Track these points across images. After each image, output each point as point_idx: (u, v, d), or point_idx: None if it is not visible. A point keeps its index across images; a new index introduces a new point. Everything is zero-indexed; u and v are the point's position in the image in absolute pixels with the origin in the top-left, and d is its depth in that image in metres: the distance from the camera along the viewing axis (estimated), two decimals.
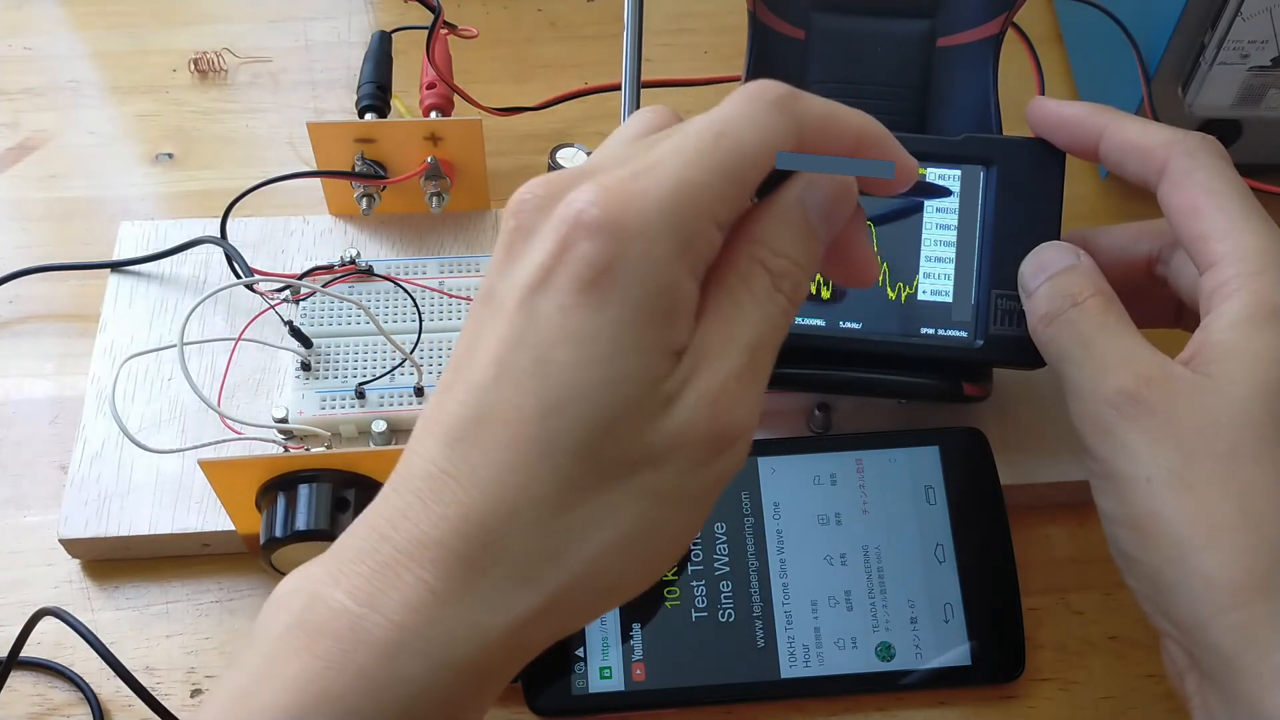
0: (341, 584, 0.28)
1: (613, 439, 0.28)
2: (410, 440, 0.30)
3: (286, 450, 0.46)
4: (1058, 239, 0.42)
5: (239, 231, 0.53)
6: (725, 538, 0.45)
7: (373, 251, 0.53)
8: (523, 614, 0.28)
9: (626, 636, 0.43)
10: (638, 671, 0.43)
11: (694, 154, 0.29)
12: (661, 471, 0.29)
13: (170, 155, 0.59)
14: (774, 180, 0.31)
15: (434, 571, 0.27)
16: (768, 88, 0.30)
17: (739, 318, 0.30)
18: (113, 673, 0.42)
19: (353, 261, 0.51)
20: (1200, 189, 0.37)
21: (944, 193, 0.41)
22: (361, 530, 0.29)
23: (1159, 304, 0.43)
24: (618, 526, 0.28)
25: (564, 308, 0.28)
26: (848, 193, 0.32)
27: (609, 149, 0.32)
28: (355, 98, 0.56)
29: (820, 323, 0.44)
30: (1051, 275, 0.39)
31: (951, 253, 0.44)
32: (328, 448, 0.45)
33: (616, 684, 0.43)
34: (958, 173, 0.44)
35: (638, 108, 0.46)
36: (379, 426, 0.47)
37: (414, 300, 0.50)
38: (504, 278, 0.29)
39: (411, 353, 0.48)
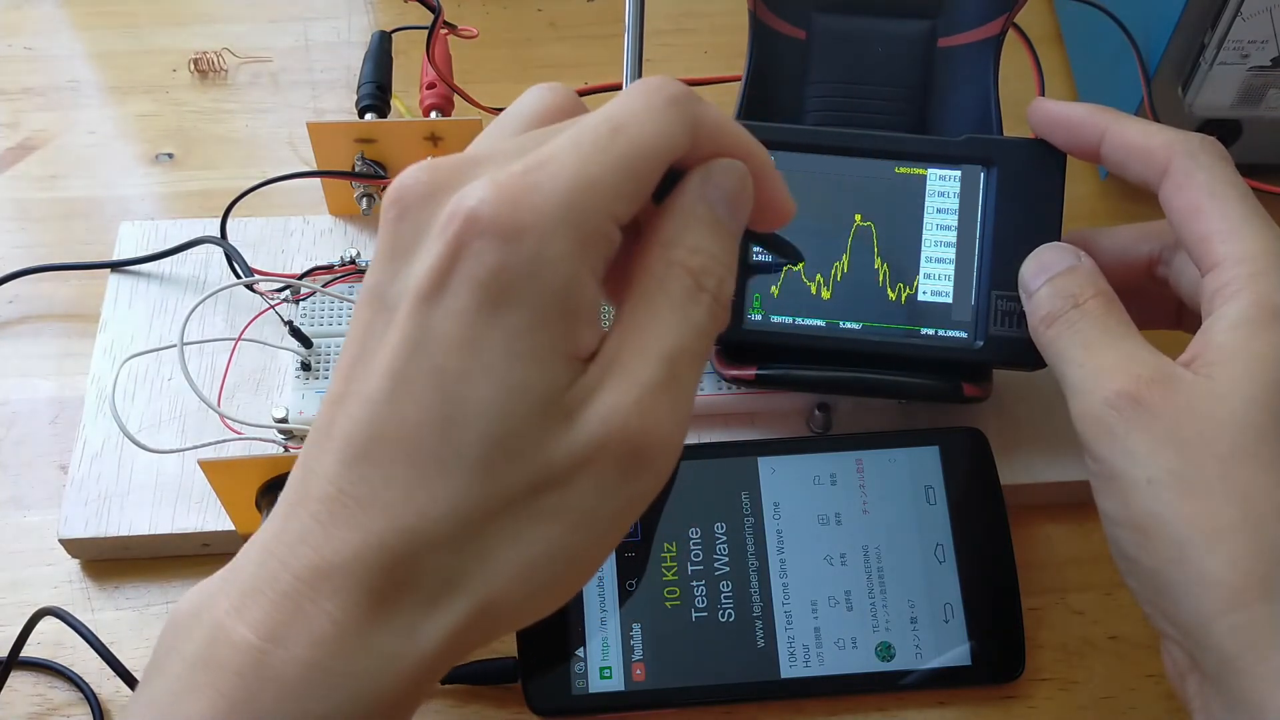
0: (244, 616, 0.27)
1: (514, 454, 0.27)
2: (302, 453, 0.28)
3: (286, 450, 0.46)
4: (1058, 240, 0.42)
5: (239, 231, 0.53)
6: (725, 538, 0.45)
7: (372, 251, 0.53)
8: (433, 642, 0.27)
9: (626, 636, 0.43)
10: (638, 671, 0.43)
11: (591, 148, 0.27)
12: (568, 492, 0.27)
13: (170, 155, 0.59)
14: (667, 184, 0.30)
15: (337, 602, 0.26)
16: (665, 84, 0.29)
17: (654, 325, 0.28)
18: (113, 673, 0.42)
19: (353, 261, 0.51)
20: (1202, 190, 0.37)
21: (796, 258, 0.37)
22: (258, 554, 0.27)
23: (1160, 305, 0.43)
24: (525, 549, 0.27)
25: (459, 314, 0.26)
26: (746, 182, 0.30)
27: (499, 134, 0.31)
28: (355, 98, 0.56)
29: (820, 323, 0.44)
30: (1052, 276, 0.39)
31: (951, 253, 0.44)
32: None
33: (616, 684, 0.43)
34: (958, 173, 0.44)
35: None
36: None
37: None
38: (393, 279, 0.28)
39: None
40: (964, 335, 0.44)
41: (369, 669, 0.26)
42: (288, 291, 0.50)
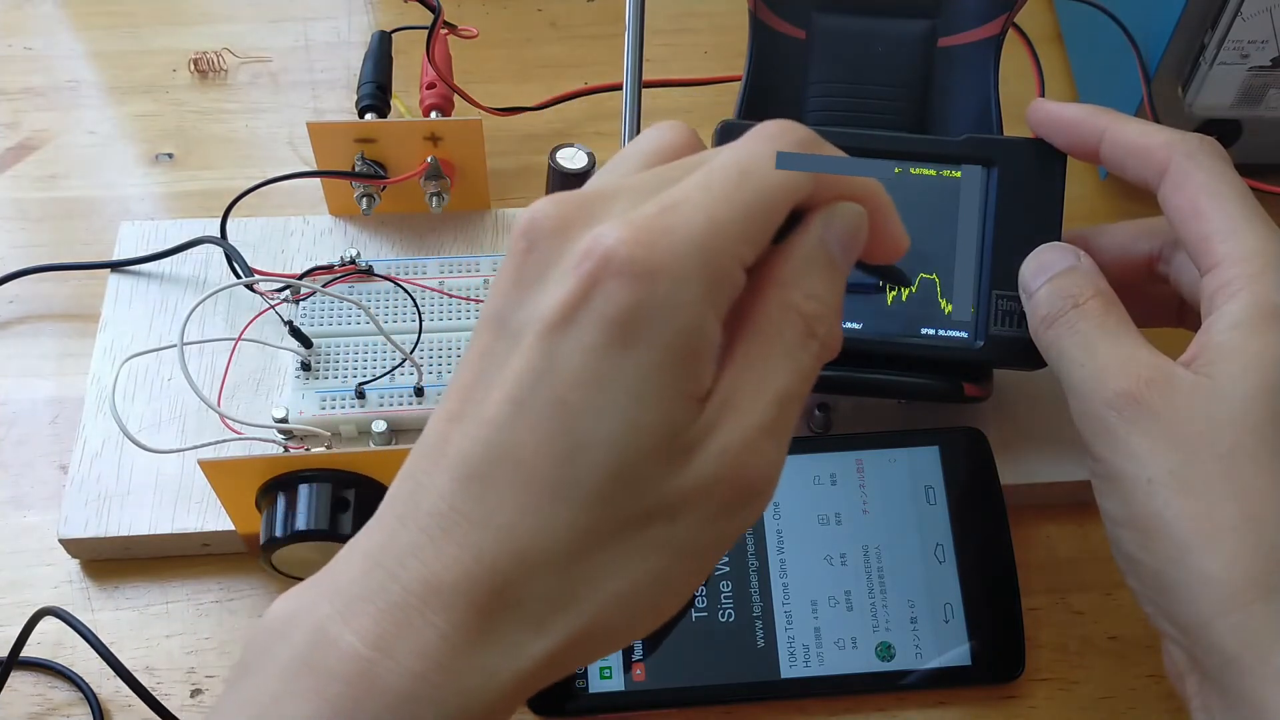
0: (350, 623, 0.27)
1: (630, 488, 0.27)
2: (410, 466, 0.29)
3: (286, 450, 0.46)
4: (1058, 240, 0.42)
5: (239, 231, 0.53)
6: None
7: (373, 251, 0.53)
8: (532, 662, 0.27)
9: None
10: (638, 671, 0.43)
11: (721, 191, 0.28)
12: (677, 524, 0.28)
13: (170, 155, 0.59)
14: (786, 224, 0.30)
15: (447, 618, 0.27)
16: (790, 128, 0.30)
17: (768, 367, 0.29)
18: (113, 673, 0.42)
19: (353, 261, 0.51)
20: (1201, 190, 0.37)
21: (905, 282, 0.40)
22: (364, 562, 0.28)
23: (1160, 303, 0.43)
24: (628, 577, 0.28)
25: (587, 349, 0.27)
26: (863, 227, 0.31)
27: (623, 170, 0.31)
28: (355, 98, 0.56)
29: None
30: (1052, 276, 0.39)
31: (952, 253, 0.44)
32: (328, 448, 0.45)
33: (616, 684, 0.43)
34: (958, 173, 0.44)
35: (639, 107, 0.46)
36: (379, 426, 0.47)
37: (414, 300, 0.50)
38: (519, 307, 0.28)
39: (411, 353, 0.48)
40: (964, 335, 0.44)
41: (472, 685, 0.27)
42: (288, 291, 0.50)
